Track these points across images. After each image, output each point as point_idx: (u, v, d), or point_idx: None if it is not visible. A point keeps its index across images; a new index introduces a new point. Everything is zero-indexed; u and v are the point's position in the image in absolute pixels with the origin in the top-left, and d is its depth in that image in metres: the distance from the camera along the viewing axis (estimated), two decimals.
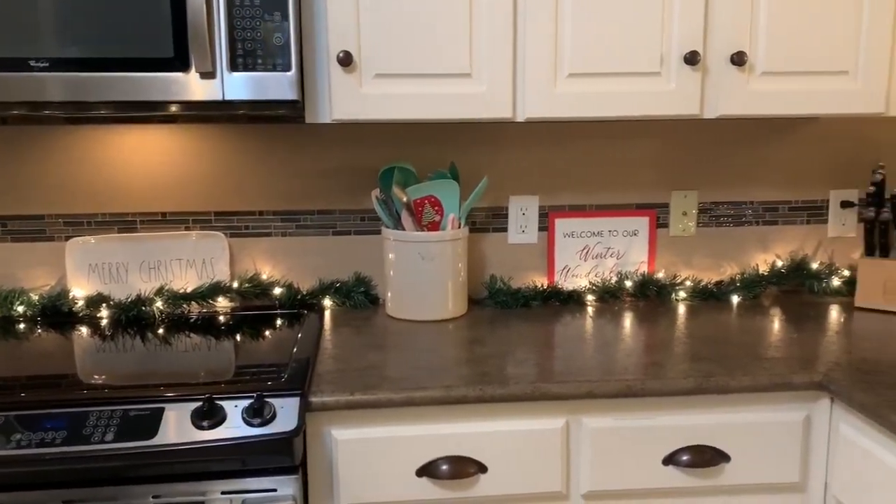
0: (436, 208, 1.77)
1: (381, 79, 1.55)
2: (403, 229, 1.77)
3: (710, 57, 1.61)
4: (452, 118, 1.58)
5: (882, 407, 1.24)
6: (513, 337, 1.64)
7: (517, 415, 1.38)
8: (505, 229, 1.96)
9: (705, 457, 1.41)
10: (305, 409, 1.31)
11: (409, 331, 1.70)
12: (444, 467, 1.36)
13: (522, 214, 1.95)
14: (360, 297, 1.90)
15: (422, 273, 1.74)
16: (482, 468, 1.37)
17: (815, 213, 2.02)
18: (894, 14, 1.63)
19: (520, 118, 1.61)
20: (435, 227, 1.79)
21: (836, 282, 1.95)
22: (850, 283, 1.94)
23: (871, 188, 1.83)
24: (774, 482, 1.43)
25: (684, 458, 1.40)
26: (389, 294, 1.81)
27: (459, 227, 1.78)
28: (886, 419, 1.22)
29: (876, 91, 1.65)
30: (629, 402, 1.40)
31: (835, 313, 1.80)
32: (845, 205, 2.01)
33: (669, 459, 1.41)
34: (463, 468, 1.37)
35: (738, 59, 1.59)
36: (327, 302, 1.90)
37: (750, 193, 2.00)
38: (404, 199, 1.74)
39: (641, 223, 1.98)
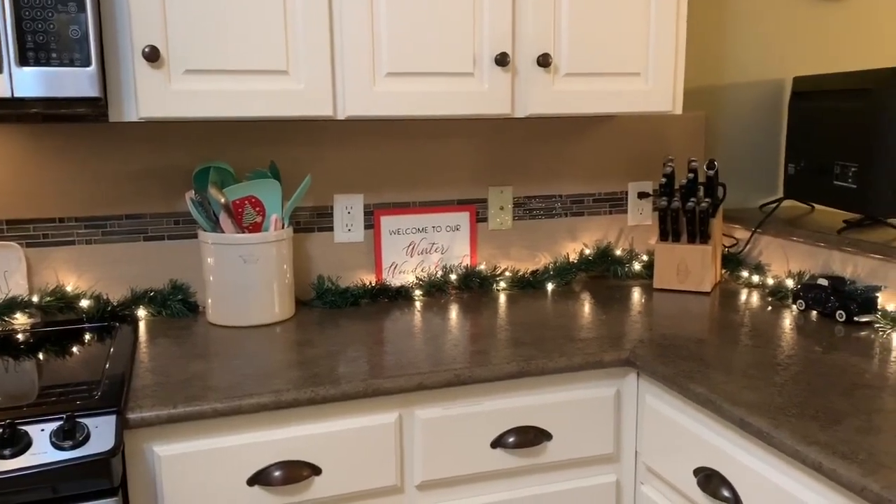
0: (257, 209, 1.72)
1: (191, 75, 1.49)
2: (223, 232, 1.70)
3: (519, 58, 1.70)
4: (270, 116, 1.55)
5: (679, 377, 1.37)
6: (343, 336, 1.63)
7: (350, 413, 1.38)
8: (330, 228, 1.95)
9: (529, 436, 1.48)
10: (123, 427, 1.22)
11: (233, 337, 1.64)
12: (277, 473, 1.33)
13: (348, 213, 1.95)
14: (177, 305, 1.81)
15: (245, 277, 1.69)
16: (316, 470, 1.36)
17: (616, 204, 2.20)
18: (676, 21, 1.80)
19: (340, 116, 1.61)
20: (257, 228, 1.74)
21: (636, 266, 2.13)
22: (649, 267, 2.12)
23: (663, 180, 2.01)
24: (592, 455, 1.54)
25: (511, 439, 1.47)
26: (210, 300, 1.74)
27: (283, 228, 1.75)
28: (684, 387, 1.35)
29: (664, 91, 1.82)
30: (458, 391, 1.44)
31: (636, 295, 1.96)
32: (642, 195, 2.20)
33: (497, 442, 1.47)
34: (296, 472, 1.34)
35: (544, 61, 1.69)
36: (141, 312, 1.79)
37: (559, 187, 2.13)
38: (222, 201, 1.67)
39: (463, 218, 2.04)
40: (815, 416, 1.18)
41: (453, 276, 2.01)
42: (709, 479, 1.31)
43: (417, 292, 1.97)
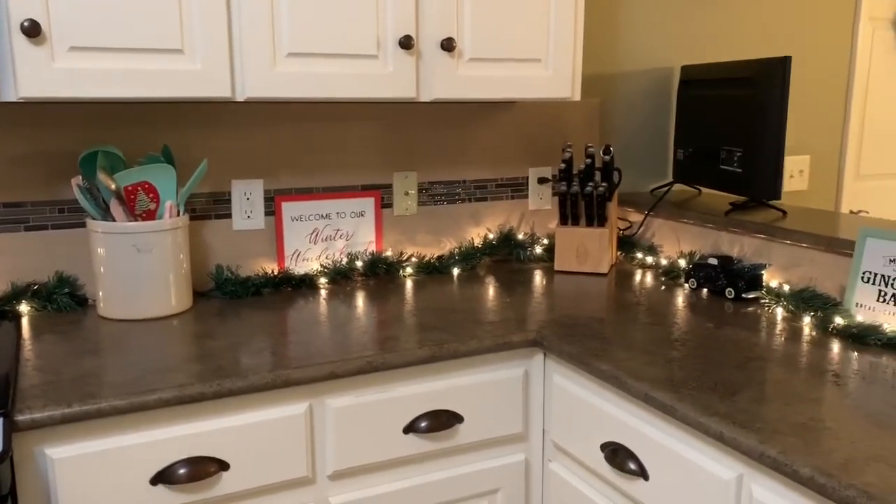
0: (151, 195, 1.64)
1: (77, 52, 1.39)
2: (114, 220, 1.61)
3: (423, 42, 1.69)
4: (164, 97, 1.47)
5: (585, 355, 1.41)
6: (246, 327, 1.58)
7: (259, 406, 1.34)
8: (229, 215, 1.88)
9: (441, 420, 1.49)
10: (11, 430, 1.14)
11: (128, 331, 1.55)
12: (182, 471, 1.28)
13: (247, 199, 1.89)
14: (64, 299, 1.69)
15: (139, 267, 1.60)
16: (224, 466, 1.31)
17: (518, 189, 2.23)
18: (575, 9, 1.84)
19: (239, 97, 1.55)
20: (151, 215, 1.65)
21: (538, 250, 2.18)
22: (550, 250, 2.17)
23: (563, 165, 2.06)
24: (502, 435, 1.56)
25: (423, 424, 1.47)
26: (101, 293, 1.64)
27: (179, 215, 1.67)
28: (590, 365, 1.39)
29: (564, 78, 1.86)
30: (369, 378, 1.43)
31: (539, 277, 2.00)
32: (542, 181, 2.24)
33: (410, 427, 1.47)
34: (203, 469, 1.29)
35: (448, 45, 1.69)
36: (24, 308, 1.67)
37: (462, 173, 2.14)
38: (112, 187, 1.58)
39: (367, 204, 2.02)
40: (714, 389, 1.24)
41: (359, 263, 1.98)
42: (615, 453, 1.36)
43: (322, 280, 1.93)
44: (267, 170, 1.90)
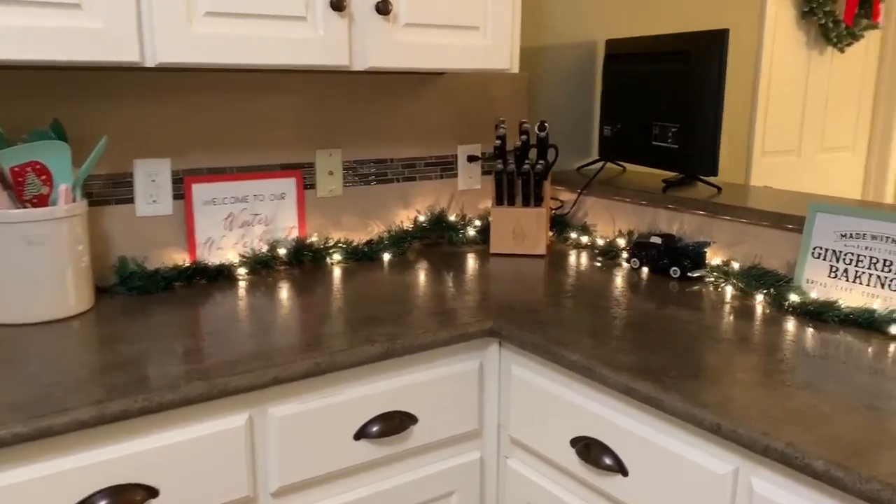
0: (42, 177, 1.39)
1: None
2: None
3: (356, 4, 1.52)
4: (58, 60, 1.24)
5: (551, 345, 1.31)
6: (161, 328, 1.38)
7: (191, 420, 1.16)
8: (131, 200, 1.65)
9: (394, 422, 1.35)
10: None
11: (19, 338, 1.32)
12: (103, 503, 1.08)
13: (152, 181, 1.66)
14: None
15: (29, 262, 1.36)
16: (152, 492, 1.12)
17: (447, 168, 2.10)
18: None
19: (150, 63, 1.33)
20: (43, 201, 1.41)
21: (471, 231, 2.06)
22: (483, 232, 2.07)
23: (497, 142, 1.95)
24: (457, 434, 1.45)
25: (375, 428, 1.33)
26: None
27: (75, 201, 1.43)
28: (558, 356, 1.29)
29: (502, 48, 1.74)
30: (316, 382, 1.27)
31: (476, 261, 1.89)
32: (471, 159, 2.13)
33: (361, 433, 1.32)
34: (127, 497, 1.10)
35: (383, 8, 1.53)
36: None
37: (390, 151, 1.99)
38: None
39: (288, 185, 1.83)
40: (696, 376, 1.17)
41: (282, 251, 1.80)
42: (588, 449, 1.27)
43: (241, 271, 1.73)
44: (175, 148, 1.68)
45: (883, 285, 1.45)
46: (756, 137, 2.94)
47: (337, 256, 1.85)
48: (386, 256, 1.91)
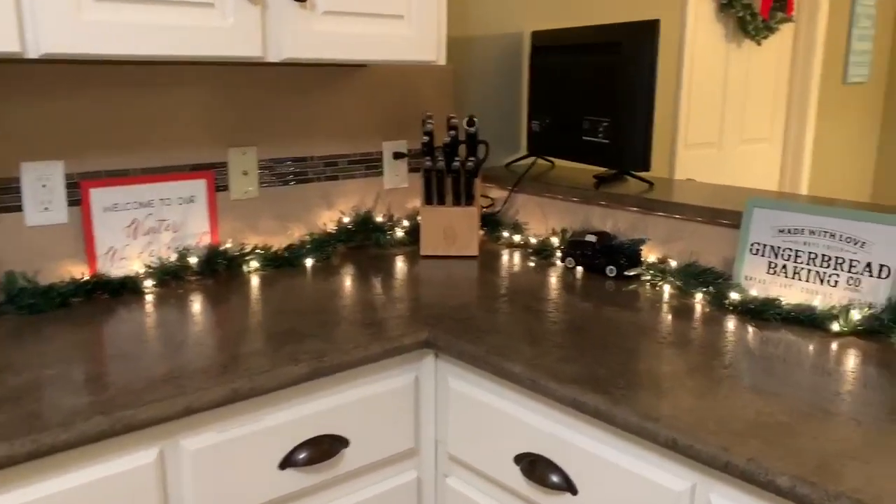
0: None
1: None
2: None
3: None
4: None
5: (491, 356, 1.23)
6: (55, 352, 1.22)
7: (90, 461, 1.02)
8: (20, 208, 1.47)
9: (324, 447, 1.24)
10: None
11: None
12: None
13: (43, 187, 1.48)
14: None
15: None
16: None
17: (372, 165, 1.99)
18: None
19: (32, 54, 1.17)
20: None
21: (399, 233, 1.96)
22: (411, 233, 1.96)
23: (425, 138, 1.85)
24: (392, 454, 1.34)
25: (302, 455, 1.21)
26: None
27: None
28: (499, 368, 1.21)
29: (428, 38, 1.64)
30: (235, 408, 1.14)
31: (407, 265, 1.79)
32: (398, 156, 2.02)
33: (286, 462, 1.20)
34: None
35: None
36: None
37: (310, 148, 1.86)
38: None
39: (198, 187, 1.68)
40: (644, 385, 1.11)
41: (193, 260, 1.65)
42: (534, 466, 1.19)
43: (148, 283, 1.58)
44: (69, 149, 1.51)
45: (822, 281, 1.42)
46: (679, 130, 2.94)
47: (254, 264, 1.71)
48: (308, 262, 1.78)
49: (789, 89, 3.51)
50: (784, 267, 1.47)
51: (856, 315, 1.32)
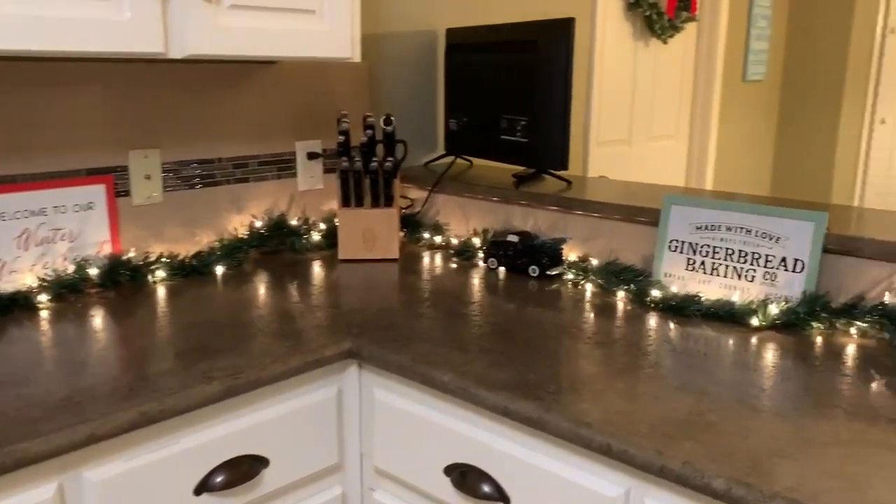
0: None
1: None
2: None
3: None
4: None
5: (418, 365, 1.18)
6: None
7: None
8: None
9: (243, 469, 1.17)
10: None
11: None
12: None
13: None
14: None
15: None
16: None
17: (284, 166, 1.91)
18: None
19: None
20: None
21: (315, 236, 1.89)
22: (329, 236, 1.90)
23: (341, 138, 1.78)
24: (316, 471, 1.28)
25: (219, 479, 1.14)
26: None
27: None
28: (427, 377, 1.16)
29: (342, 34, 1.58)
30: (143, 434, 1.06)
31: (324, 270, 1.72)
32: (312, 156, 1.95)
33: (202, 487, 1.13)
34: None
35: None
36: None
37: (218, 149, 1.77)
38: None
39: (97, 193, 1.57)
40: (577, 390, 1.09)
41: (92, 271, 1.53)
42: (465, 477, 1.15)
43: (42, 298, 1.45)
44: None
45: (740, 276, 1.45)
46: (592, 128, 2.98)
47: (160, 274, 1.61)
48: (219, 270, 1.69)
49: (693, 87, 3.62)
50: (702, 263, 1.49)
51: (774, 309, 1.35)
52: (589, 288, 1.59)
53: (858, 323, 1.31)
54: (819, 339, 1.30)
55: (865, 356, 1.22)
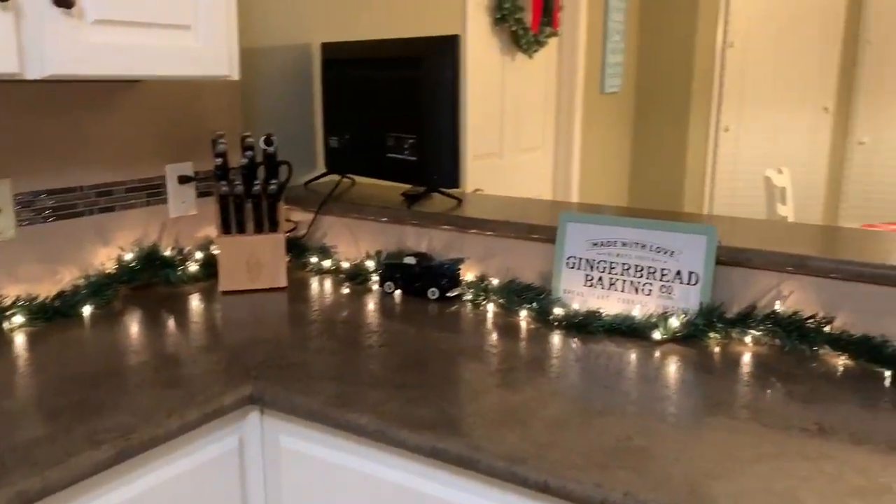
0: None
1: None
2: None
3: None
4: None
5: (330, 408, 1.10)
6: None
7: None
8: None
9: None
10: None
11: None
12: None
13: None
14: None
15: None
16: None
17: (155, 192, 1.75)
18: None
19: None
20: None
21: (193, 267, 1.74)
22: (207, 266, 1.76)
23: (218, 160, 1.66)
24: None
25: None
26: None
27: None
28: (343, 421, 1.09)
29: (219, 50, 1.47)
30: None
31: (205, 304, 1.59)
32: (184, 180, 1.80)
33: None
34: None
35: (64, 0, 1.18)
36: None
37: (78, 177, 1.59)
38: None
39: None
40: (501, 422, 1.05)
41: None
42: None
43: None
44: None
45: (637, 290, 1.47)
46: (467, 142, 2.98)
47: (18, 319, 1.42)
48: (87, 311, 1.52)
49: (557, 100, 3.73)
50: (600, 279, 1.51)
51: (674, 322, 1.38)
52: (491, 308, 1.57)
53: (753, 331, 1.36)
54: (718, 350, 1.34)
55: (763, 364, 1.27)
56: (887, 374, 1.23)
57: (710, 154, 4.40)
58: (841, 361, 1.28)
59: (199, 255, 1.79)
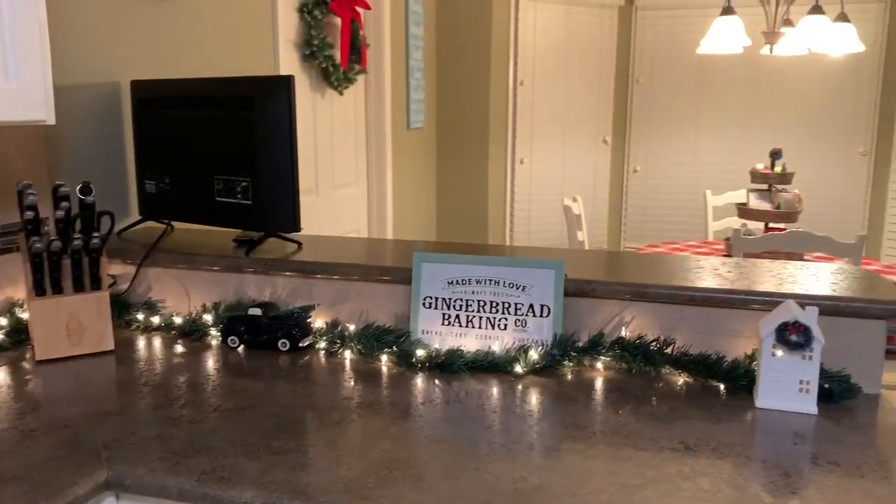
0: None
1: None
2: None
3: None
4: None
5: (209, 485, 1.01)
6: None
7: None
8: None
9: None
10: None
11: None
12: None
13: None
14: None
15: None
16: None
17: None
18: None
19: None
20: None
21: None
22: (14, 333, 1.55)
23: (29, 213, 1.47)
24: None
25: None
26: None
27: None
28: (220, 498, 1.00)
29: (34, 93, 1.30)
30: None
31: (23, 378, 1.39)
32: None
33: None
34: None
35: None
36: None
37: None
38: None
39: None
40: (397, 479, 1.02)
41: None
42: None
43: None
44: None
45: (493, 326, 1.51)
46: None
47: None
48: None
49: (367, 136, 3.75)
50: (457, 317, 1.53)
51: (534, 355, 1.43)
52: (348, 356, 1.53)
53: (603, 357, 1.45)
54: (574, 378, 1.40)
55: (618, 388, 1.36)
56: (722, 387, 1.36)
57: (508, 185, 4.65)
58: (681, 380, 1.40)
59: (2, 321, 1.56)
